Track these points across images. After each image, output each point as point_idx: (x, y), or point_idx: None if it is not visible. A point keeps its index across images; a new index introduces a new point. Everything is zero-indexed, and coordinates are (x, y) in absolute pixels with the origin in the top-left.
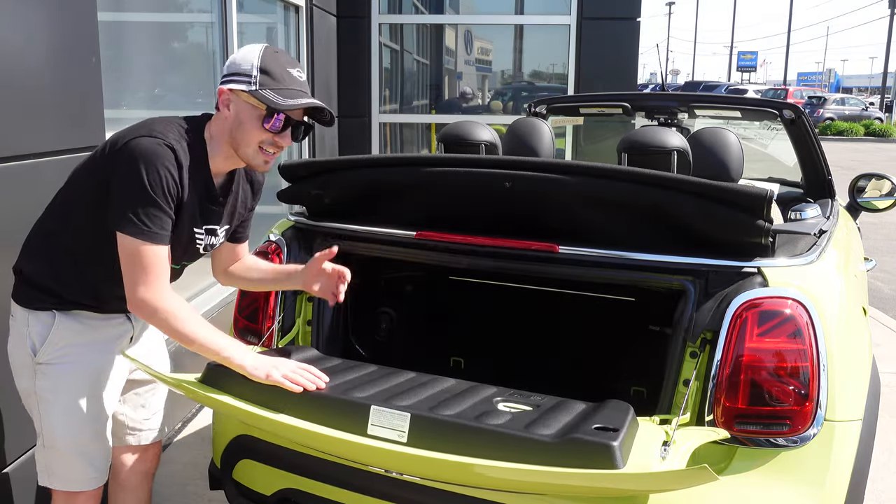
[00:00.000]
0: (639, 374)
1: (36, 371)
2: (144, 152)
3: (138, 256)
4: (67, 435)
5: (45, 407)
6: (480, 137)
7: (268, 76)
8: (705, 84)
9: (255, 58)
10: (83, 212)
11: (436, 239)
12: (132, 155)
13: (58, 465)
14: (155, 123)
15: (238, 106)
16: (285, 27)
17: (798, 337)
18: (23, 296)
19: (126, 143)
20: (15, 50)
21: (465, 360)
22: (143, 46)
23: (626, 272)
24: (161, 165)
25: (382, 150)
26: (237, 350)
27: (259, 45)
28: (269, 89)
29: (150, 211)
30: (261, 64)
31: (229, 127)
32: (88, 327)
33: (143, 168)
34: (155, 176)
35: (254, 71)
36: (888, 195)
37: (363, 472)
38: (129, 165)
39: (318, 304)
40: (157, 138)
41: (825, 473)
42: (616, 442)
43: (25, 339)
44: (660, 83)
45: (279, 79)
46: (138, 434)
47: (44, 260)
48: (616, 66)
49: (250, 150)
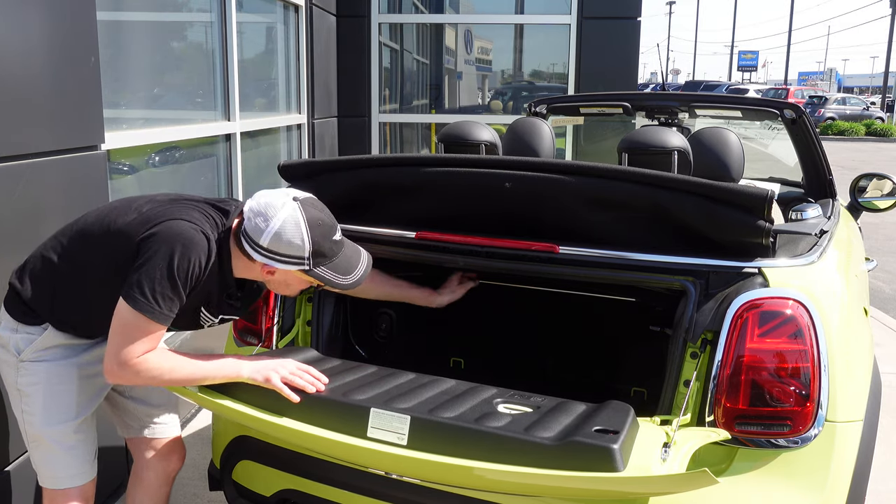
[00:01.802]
0: (639, 374)
1: (19, 369)
2: (181, 236)
3: (137, 330)
4: (48, 426)
5: (28, 401)
6: (480, 137)
7: (320, 256)
8: (706, 84)
9: (304, 241)
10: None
11: (436, 239)
12: (169, 235)
13: (43, 461)
14: (192, 210)
15: (287, 276)
16: (285, 27)
17: (799, 337)
18: (15, 309)
19: (163, 223)
20: (14, 50)
21: (465, 361)
22: (142, 46)
23: (626, 272)
24: (193, 252)
25: (382, 150)
26: (231, 366)
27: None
28: (323, 266)
29: (167, 294)
30: (313, 248)
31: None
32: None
33: (177, 252)
34: (185, 262)
35: (306, 254)
36: (889, 195)
37: (363, 474)
38: (163, 246)
39: (317, 304)
40: (195, 224)
41: (826, 474)
42: (616, 445)
43: (9, 343)
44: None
45: (330, 254)
46: (152, 427)
47: (41, 286)
48: (616, 65)
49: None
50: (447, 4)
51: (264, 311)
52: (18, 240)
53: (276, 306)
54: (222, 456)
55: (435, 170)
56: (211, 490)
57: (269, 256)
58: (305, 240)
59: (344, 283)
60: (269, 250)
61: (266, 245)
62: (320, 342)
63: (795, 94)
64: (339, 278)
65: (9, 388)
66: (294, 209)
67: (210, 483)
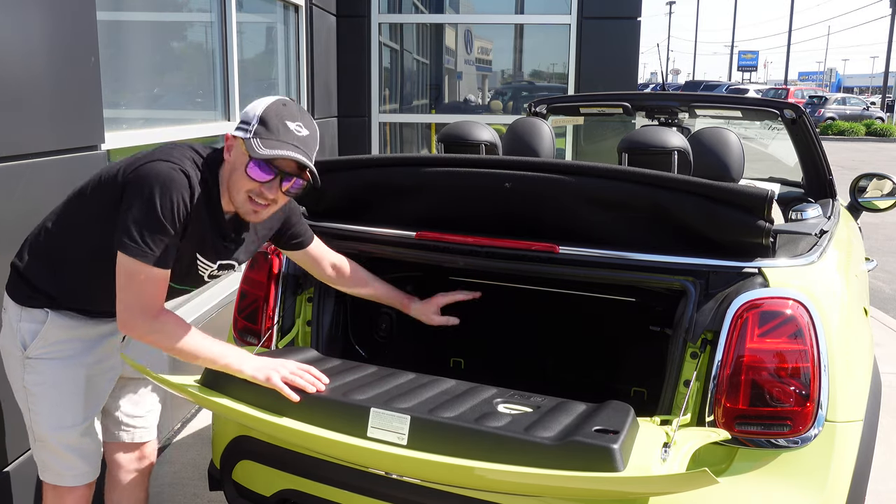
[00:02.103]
0: (639, 374)
1: (25, 365)
2: (159, 176)
3: (136, 278)
4: (55, 429)
5: (35, 400)
6: (480, 137)
7: (263, 126)
8: (706, 84)
9: (260, 108)
10: (92, 226)
11: (436, 239)
12: (147, 177)
13: (49, 459)
14: (173, 150)
15: (236, 152)
16: (285, 27)
17: (799, 337)
18: (17, 292)
19: (142, 166)
20: (14, 50)
21: (464, 361)
22: (142, 46)
23: (626, 272)
24: (175, 191)
25: (382, 150)
26: (235, 356)
27: (274, 98)
28: (259, 139)
29: (157, 236)
30: (262, 114)
31: (227, 171)
32: (80, 323)
33: (156, 192)
34: (167, 201)
35: (254, 121)
36: (889, 195)
37: (363, 474)
38: (143, 188)
39: (317, 304)
40: (173, 163)
41: (826, 474)
42: (616, 445)
43: (16, 334)
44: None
45: (273, 129)
46: (132, 431)
47: (43, 262)
48: (616, 65)
49: (239, 198)
50: (447, 4)
51: (264, 310)
52: (18, 240)
53: (276, 306)
54: (222, 456)
55: (435, 170)
56: (211, 490)
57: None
58: (263, 106)
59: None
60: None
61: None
62: (320, 342)
63: (795, 94)
64: (262, 149)
65: (14, 384)
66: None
67: (210, 483)
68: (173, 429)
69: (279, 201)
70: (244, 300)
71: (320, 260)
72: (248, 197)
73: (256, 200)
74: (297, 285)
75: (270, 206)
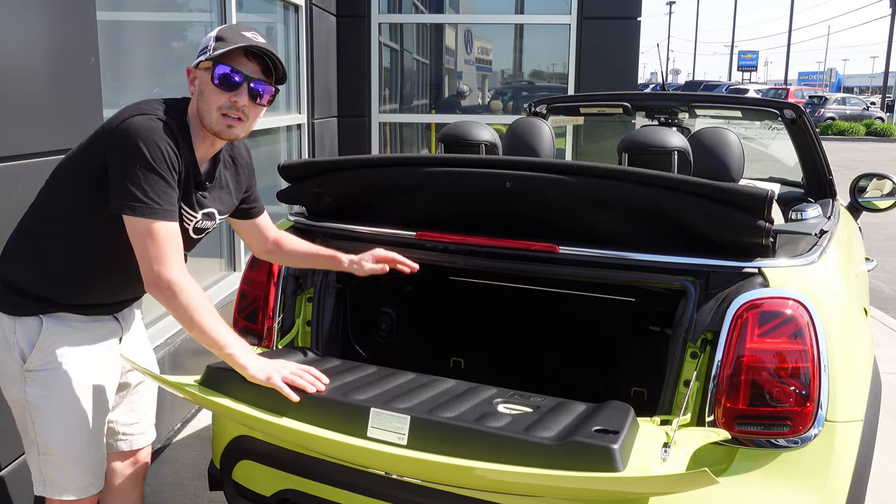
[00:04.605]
0: (639, 374)
1: (26, 378)
2: (140, 129)
3: (153, 236)
4: (63, 441)
5: (39, 414)
6: (480, 137)
7: (221, 41)
8: (706, 84)
9: (214, 32)
10: (77, 208)
11: (436, 239)
12: (128, 134)
13: (54, 473)
14: (141, 104)
15: (200, 77)
16: (285, 27)
17: (799, 337)
18: (6, 302)
19: (119, 125)
20: (14, 50)
21: (465, 361)
22: (142, 46)
23: (626, 272)
24: (160, 138)
25: (382, 150)
26: (242, 350)
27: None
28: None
29: (158, 187)
30: (217, 34)
31: (195, 102)
32: (76, 330)
33: (142, 145)
34: (156, 150)
35: (210, 42)
36: (889, 195)
37: (363, 474)
38: (129, 145)
39: (317, 304)
40: (149, 115)
41: (826, 474)
42: (616, 445)
43: (13, 347)
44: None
45: (230, 40)
46: (130, 439)
47: (29, 263)
48: (616, 65)
49: (213, 118)
50: (447, 4)
51: (264, 311)
52: None
53: (276, 306)
54: (222, 456)
55: (435, 170)
56: (211, 490)
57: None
58: (215, 32)
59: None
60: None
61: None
62: (320, 342)
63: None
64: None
65: (13, 401)
66: None
67: (210, 483)
68: (173, 429)
69: (250, 116)
70: (244, 300)
71: (265, 231)
72: (220, 114)
73: (229, 115)
74: (297, 285)
75: (244, 122)
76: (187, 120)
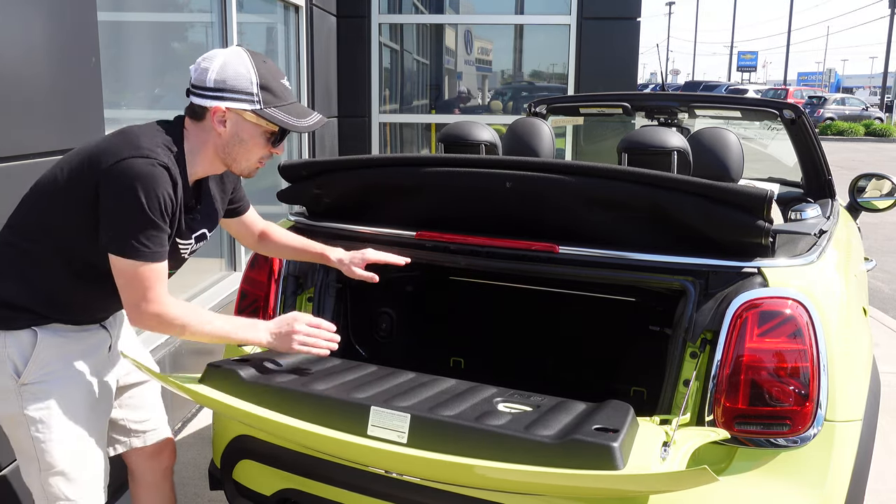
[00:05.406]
0: (639, 374)
1: (21, 393)
2: (140, 175)
3: (139, 277)
4: (68, 452)
5: (40, 428)
6: (480, 137)
7: (270, 94)
8: (705, 84)
9: (250, 73)
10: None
11: (436, 239)
12: (127, 178)
13: (60, 489)
14: (140, 139)
15: (239, 125)
16: (285, 27)
17: (798, 337)
18: None
19: (117, 164)
20: (15, 50)
21: (465, 361)
22: (142, 46)
23: (626, 272)
24: (159, 187)
25: (382, 150)
26: (249, 329)
27: (243, 53)
28: (275, 107)
29: (150, 233)
30: (260, 81)
31: (223, 143)
32: (70, 340)
33: (141, 193)
34: (154, 201)
35: (254, 89)
36: (888, 195)
37: (363, 473)
38: (126, 190)
39: (318, 304)
40: (150, 158)
41: (825, 474)
42: (616, 443)
43: (5, 363)
44: (660, 83)
45: (281, 95)
46: (143, 435)
47: (15, 280)
48: (616, 66)
49: (250, 165)
50: (447, 5)
51: (264, 311)
52: None
53: (277, 306)
54: (223, 455)
55: (435, 170)
56: (211, 489)
57: (218, 94)
58: (251, 70)
59: (301, 125)
60: (216, 88)
61: (213, 83)
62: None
63: (794, 95)
64: (294, 120)
65: (7, 417)
66: (238, 49)
67: (210, 482)
68: (173, 428)
69: None
70: (244, 300)
71: (251, 227)
72: (258, 162)
73: (263, 161)
74: (297, 285)
75: None
76: (184, 151)
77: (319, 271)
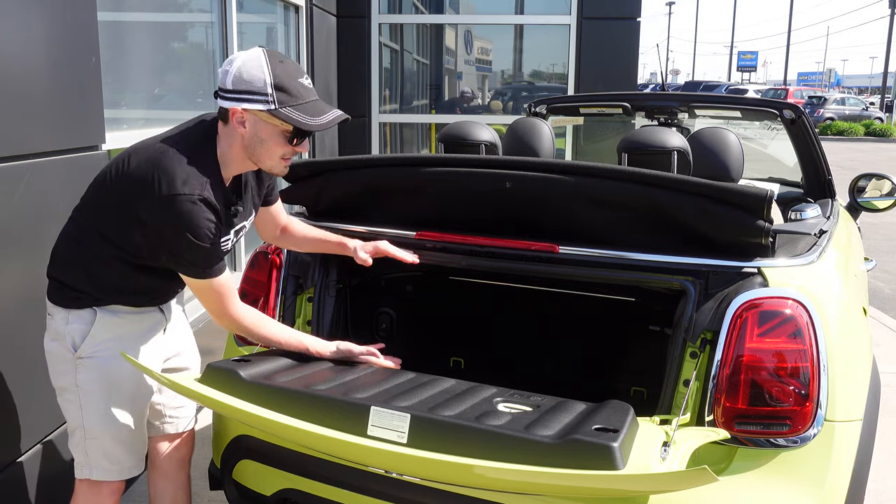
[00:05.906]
0: (639, 374)
1: (77, 366)
2: (183, 216)
3: (210, 290)
4: (111, 424)
5: (88, 399)
6: (480, 137)
7: (284, 93)
8: (705, 84)
9: (264, 74)
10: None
11: (436, 239)
12: (172, 216)
13: (99, 456)
14: (176, 169)
15: (257, 125)
16: (285, 27)
17: (798, 337)
18: (59, 296)
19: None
20: (15, 50)
21: (465, 361)
22: (143, 46)
23: (626, 272)
24: (203, 220)
25: (382, 150)
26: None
27: (260, 55)
28: (290, 107)
29: (206, 255)
30: (274, 81)
31: (246, 143)
32: (126, 321)
33: (187, 231)
34: (202, 233)
35: (268, 89)
36: (888, 195)
37: (363, 473)
38: (174, 228)
39: (317, 304)
40: (188, 194)
41: (825, 474)
42: (616, 443)
43: (65, 337)
44: (660, 83)
45: (297, 94)
46: (176, 422)
47: (79, 270)
48: (616, 66)
49: (273, 163)
50: (447, 5)
51: (264, 310)
52: (19, 241)
53: (277, 306)
54: (223, 455)
55: (435, 170)
56: (211, 489)
57: (236, 95)
58: (266, 72)
59: (314, 124)
60: (234, 90)
61: (231, 85)
62: None
63: (794, 95)
64: (307, 119)
65: (62, 388)
66: (257, 51)
67: (210, 482)
68: None
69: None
70: (244, 300)
71: (276, 217)
72: (282, 160)
73: (288, 158)
74: (297, 285)
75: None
76: (216, 155)
77: (319, 271)
